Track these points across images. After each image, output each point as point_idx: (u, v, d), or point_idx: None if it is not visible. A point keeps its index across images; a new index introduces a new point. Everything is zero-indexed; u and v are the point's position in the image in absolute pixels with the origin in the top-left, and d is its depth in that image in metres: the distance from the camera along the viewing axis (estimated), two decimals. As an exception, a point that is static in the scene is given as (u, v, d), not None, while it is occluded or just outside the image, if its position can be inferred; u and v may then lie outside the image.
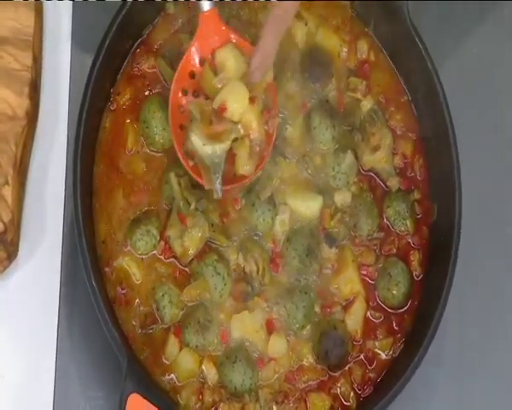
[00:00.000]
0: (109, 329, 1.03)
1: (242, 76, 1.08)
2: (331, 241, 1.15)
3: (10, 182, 1.08)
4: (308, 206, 1.15)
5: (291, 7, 1.03)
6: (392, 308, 1.15)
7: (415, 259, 1.17)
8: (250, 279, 1.12)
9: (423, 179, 1.20)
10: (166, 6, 1.18)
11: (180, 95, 1.10)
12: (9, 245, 1.08)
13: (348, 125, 1.19)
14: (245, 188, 1.14)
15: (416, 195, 1.19)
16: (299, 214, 1.15)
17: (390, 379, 1.11)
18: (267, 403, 1.09)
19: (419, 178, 1.20)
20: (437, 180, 1.19)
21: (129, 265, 1.11)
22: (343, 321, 1.13)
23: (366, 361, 1.13)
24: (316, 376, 1.12)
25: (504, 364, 1.20)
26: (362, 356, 1.13)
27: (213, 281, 1.11)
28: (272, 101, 1.10)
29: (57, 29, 1.19)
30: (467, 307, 1.20)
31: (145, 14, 1.16)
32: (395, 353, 1.14)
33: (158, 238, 1.12)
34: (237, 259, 1.12)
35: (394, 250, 1.17)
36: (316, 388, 1.11)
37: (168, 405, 1.04)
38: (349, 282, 1.14)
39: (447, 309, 1.10)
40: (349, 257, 1.15)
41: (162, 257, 1.12)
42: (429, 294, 1.14)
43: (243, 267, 1.12)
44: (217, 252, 1.12)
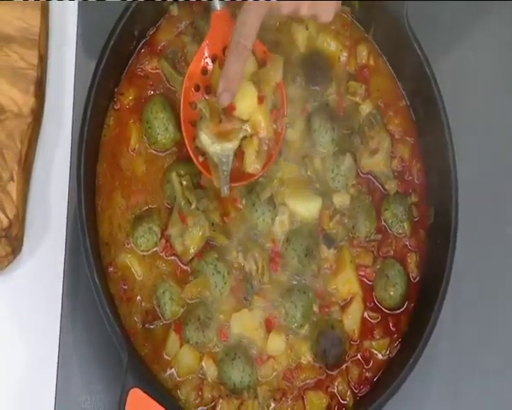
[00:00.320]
0: (111, 324, 1.04)
1: (251, 75, 1.09)
2: (330, 242, 1.16)
3: (15, 178, 1.09)
4: (307, 207, 1.16)
5: (250, 33, 1.01)
6: (389, 309, 1.16)
7: (412, 261, 1.18)
8: (250, 278, 1.13)
9: (421, 183, 1.21)
10: (170, 8, 1.19)
11: (193, 91, 1.11)
12: (14, 240, 1.09)
13: (347, 128, 1.20)
14: (245, 188, 1.14)
15: (414, 198, 1.20)
16: (298, 215, 1.15)
17: (386, 379, 1.12)
18: (265, 400, 1.10)
19: (416, 181, 1.21)
20: (434, 184, 1.20)
21: (131, 262, 1.12)
22: (341, 321, 1.14)
23: (363, 361, 1.14)
24: (313, 374, 1.12)
25: (499, 365, 1.21)
26: (359, 356, 1.14)
27: (214, 279, 1.11)
28: (281, 100, 1.11)
29: (63, 29, 1.20)
30: (462, 309, 1.20)
31: (149, 15, 1.17)
32: (391, 353, 1.15)
33: (159, 236, 1.13)
34: (237, 258, 1.13)
35: (392, 252, 1.18)
36: (313, 386, 1.12)
37: (168, 400, 1.05)
38: (347, 282, 1.15)
39: (443, 311, 1.10)
40: (347, 258, 1.16)
41: (163, 255, 1.13)
42: (425, 296, 1.15)
43: (243, 266, 1.13)
44: (217, 251, 1.13)
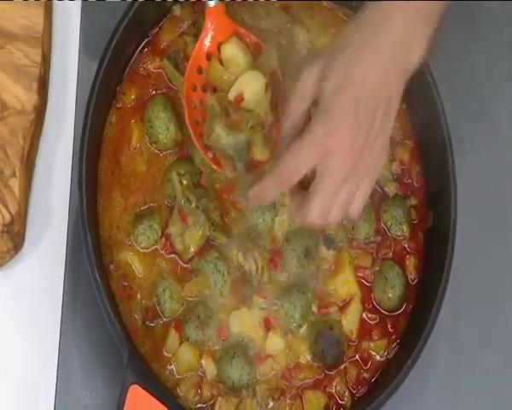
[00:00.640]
0: (111, 321, 1.04)
1: (250, 65, 1.10)
2: (329, 243, 1.16)
3: (18, 174, 1.10)
4: (307, 208, 1.16)
5: (306, 160, 0.92)
6: (387, 311, 1.16)
7: (410, 263, 1.18)
8: (249, 277, 1.13)
9: (420, 186, 1.21)
10: (173, 9, 1.19)
11: (191, 91, 1.11)
12: (16, 236, 1.09)
13: (348, 130, 1.21)
14: (246, 188, 1.15)
15: (413, 201, 1.20)
16: (298, 216, 1.16)
17: (384, 380, 1.12)
18: (264, 399, 1.10)
19: (416, 184, 1.21)
20: (433, 188, 1.20)
21: (132, 259, 1.12)
22: (339, 321, 1.14)
23: (361, 361, 1.14)
24: (312, 374, 1.13)
25: (498, 365, 1.21)
26: (357, 356, 1.14)
27: (214, 278, 1.12)
28: (279, 86, 1.12)
29: (66, 28, 1.21)
30: (461, 309, 1.21)
31: (152, 15, 1.17)
32: (390, 354, 1.15)
33: (160, 234, 1.13)
34: (237, 257, 1.13)
35: (390, 254, 1.18)
36: (312, 386, 1.12)
37: (168, 397, 1.05)
38: (346, 283, 1.15)
39: (441, 311, 1.11)
40: (346, 259, 1.16)
41: (163, 253, 1.13)
42: (424, 298, 1.15)
43: (243, 266, 1.13)
44: (217, 250, 1.13)
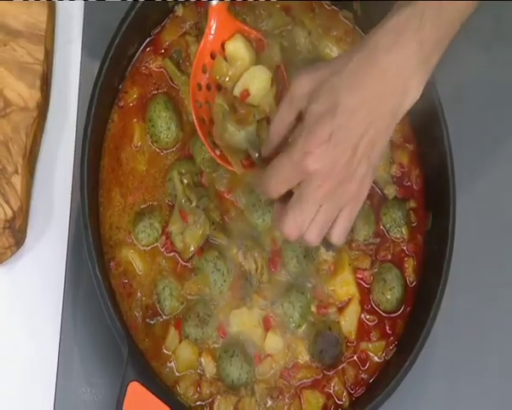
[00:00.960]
0: (112, 318, 1.05)
1: (254, 61, 1.11)
2: (328, 244, 1.14)
3: (20, 171, 1.10)
4: (307, 209, 1.17)
5: (288, 176, 0.96)
6: (385, 312, 1.17)
7: (409, 266, 1.18)
8: (249, 277, 1.13)
9: (419, 189, 1.21)
10: (175, 8, 1.19)
11: (196, 90, 1.12)
12: (17, 232, 1.10)
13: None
14: (246, 189, 1.15)
15: (412, 203, 1.20)
16: (297, 217, 1.16)
17: (382, 381, 1.12)
18: (262, 398, 1.11)
19: (415, 187, 1.21)
20: (432, 191, 1.20)
21: (132, 257, 1.12)
22: (338, 322, 1.15)
23: (359, 362, 1.15)
24: (310, 374, 1.13)
25: (495, 367, 1.21)
26: (355, 357, 1.15)
27: (213, 277, 1.12)
28: (283, 81, 1.12)
29: (69, 26, 1.21)
30: (459, 313, 1.21)
31: (154, 15, 1.18)
32: (387, 356, 1.15)
33: (160, 232, 1.13)
34: (237, 256, 1.13)
35: (389, 256, 1.18)
36: (310, 385, 1.13)
37: (167, 394, 1.06)
38: (345, 284, 1.16)
39: (439, 314, 1.11)
40: (345, 260, 1.16)
41: (164, 251, 1.13)
42: (422, 301, 1.16)
43: (243, 265, 1.13)
44: (217, 249, 1.13)
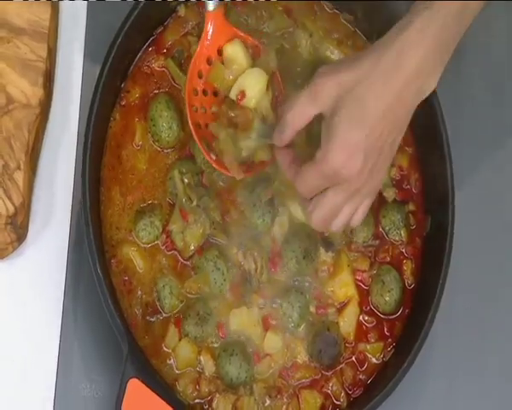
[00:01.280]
0: (112, 315, 1.05)
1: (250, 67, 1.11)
2: (328, 245, 1.17)
3: (22, 167, 1.10)
4: (307, 210, 1.17)
5: (316, 181, 1.00)
6: (384, 314, 1.17)
7: (408, 268, 1.19)
8: (248, 276, 1.13)
9: (418, 192, 1.22)
10: (177, 8, 1.20)
11: (192, 95, 1.12)
12: (19, 228, 1.10)
13: (348, 135, 1.21)
14: (246, 189, 1.16)
15: (411, 206, 1.21)
16: (297, 217, 1.16)
17: (380, 382, 1.12)
18: (261, 397, 1.11)
19: (414, 190, 1.22)
20: (431, 194, 1.21)
21: (133, 254, 1.13)
22: (337, 323, 1.15)
23: (357, 363, 1.15)
24: (309, 374, 1.13)
25: (493, 368, 1.22)
26: (353, 358, 1.15)
27: (213, 276, 1.12)
28: (278, 87, 1.12)
29: (72, 24, 1.21)
30: (457, 314, 1.21)
31: (157, 15, 1.18)
32: (385, 357, 1.16)
33: (160, 230, 1.14)
34: (237, 256, 1.14)
35: (388, 258, 1.19)
36: (308, 385, 1.13)
37: (166, 391, 1.06)
38: (344, 286, 1.16)
39: (437, 315, 1.12)
40: (345, 262, 1.17)
41: (164, 249, 1.14)
42: (420, 303, 1.16)
43: (242, 265, 1.14)
44: (217, 248, 1.14)
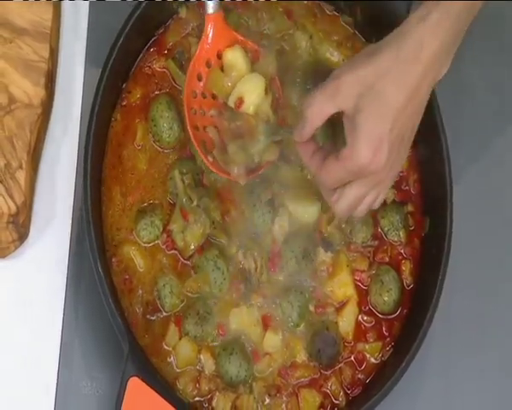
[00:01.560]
0: (113, 314, 1.05)
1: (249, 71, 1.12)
2: (327, 245, 1.17)
3: (24, 166, 1.11)
4: (306, 210, 1.17)
5: (343, 177, 0.99)
6: (382, 314, 1.18)
7: (406, 268, 1.19)
8: (248, 276, 1.14)
9: (417, 193, 1.22)
10: (178, 10, 1.20)
11: (191, 97, 1.13)
12: (21, 227, 1.11)
13: (347, 136, 1.22)
14: (247, 189, 1.16)
15: (410, 207, 1.21)
16: (297, 218, 1.17)
17: (378, 381, 1.13)
18: (261, 395, 1.11)
19: (413, 192, 1.22)
20: (430, 196, 1.21)
21: (134, 254, 1.13)
22: (336, 322, 1.15)
23: (356, 363, 1.16)
24: (308, 373, 1.14)
25: (491, 366, 1.22)
26: (352, 357, 1.16)
27: (213, 275, 1.13)
28: (277, 91, 1.13)
29: (74, 25, 1.22)
30: (456, 309, 1.22)
31: (158, 16, 1.19)
32: (384, 356, 1.16)
33: (161, 230, 1.14)
34: (237, 256, 1.14)
35: (387, 259, 1.19)
36: (307, 384, 1.13)
37: (166, 389, 1.06)
38: (343, 285, 1.17)
39: (436, 315, 1.13)
40: (344, 262, 1.17)
41: (164, 248, 1.14)
42: (419, 303, 1.17)
43: (242, 264, 1.14)
44: (218, 248, 1.14)
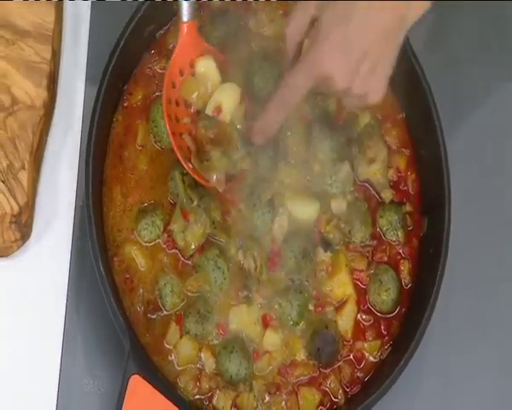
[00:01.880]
0: (114, 312, 1.07)
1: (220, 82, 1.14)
2: (326, 245, 1.18)
3: (26, 167, 1.12)
4: (306, 210, 1.18)
5: (304, 81, 1.00)
6: (381, 313, 1.19)
7: (404, 268, 1.20)
8: (248, 275, 1.15)
9: (415, 194, 1.23)
10: (179, 12, 1.21)
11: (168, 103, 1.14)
12: (23, 227, 1.12)
13: (346, 137, 1.22)
14: (247, 190, 1.17)
15: (408, 207, 1.22)
16: (296, 218, 1.18)
17: (377, 380, 1.14)
18: (260, 393, 1.12)
19: (411, 192, 1.23)
20: (428, 196, 1.22)
21: (135, 253, 1.15)
22: (335, 321, 1.16)
23: (355, 361, 1.17)
24: (307, 371, 1.15)
25: (489, 364, 1.23)
26: (351, 356, 1.16)
27: (214, 274, 1.14)
28: (245, 100, 1.15)
29: (76, 27, 1.24)
30: (454, 308, 1.23)
31: (159, 17, 1.20)
32: (382, 355, 1.17)
33: (162, 229, 1.15)
34: (237, 255, 1.15)
35: (385, 258, 1.20)
36: (307, 382, 1.14)
37: (167, 387, 1.07)
38: (342, 285, 1.17)
39: (434, 314, 1.13)
40: (343, 261, 1.18)
41: (165, 247, 1.15)
42: (417, 302, 1.18)
43: (242, 264, 1.15)
44: (218, 247, 1.15)
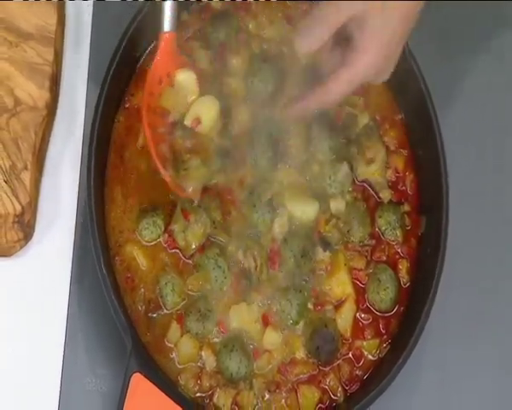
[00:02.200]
0: (116, 311, 1.08)
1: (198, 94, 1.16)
2: (325, 244, 1.19)
3: (29, 167, 1.13)
4: (305, 210, 1.19)
5: (348, 85, 1.04)
6: (379, 312, 1.19)
7: (403, 267, 1.21)
8: (248, 274, 1.16)
9: (413, 194, 1.24)
10: (180, 14, 1.22)
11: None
12: (26, 226, 1.13)
13: (345, 137, 1.23)
14: (247, 190, 1.19)
15: (406, 207, 1.23)
16: (296, 217, 1.19)
17: (376, 377, 1.15)
18: (261, 391, 1.13)
19: (409, 192, 1.24)
20: (426, 195, 1.23)
21: (137, 253, 1.15)
22: (334, 320, 1.17)
23: (354, 359, 1.17)
24: (307, 369, 1.15)
25: (488, 360, 1.24)
26: (350, 354, 1.17)
27: (214, 273, 1.15)
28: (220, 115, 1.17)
29: (78, 28, 1.25)
30: (452, 310, 1.24)
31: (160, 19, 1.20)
32: (381, 353, 1.18)
33: (163, 229, 1.16)
34: (237, 254, 1.16)
35: (384, 258, 1.21)
36: (306, 380, 1.15)
37: (168, 385, 1.08)
38: (341, 284, 1.18)
39: (432, 312, 1.14)
40: (341, 261, 1.19)
41: (166, 247, 1.16)
42: (415, 301, 1.19)
43: (242, 263, 1.16)
44: (218, 247, 1.16)
